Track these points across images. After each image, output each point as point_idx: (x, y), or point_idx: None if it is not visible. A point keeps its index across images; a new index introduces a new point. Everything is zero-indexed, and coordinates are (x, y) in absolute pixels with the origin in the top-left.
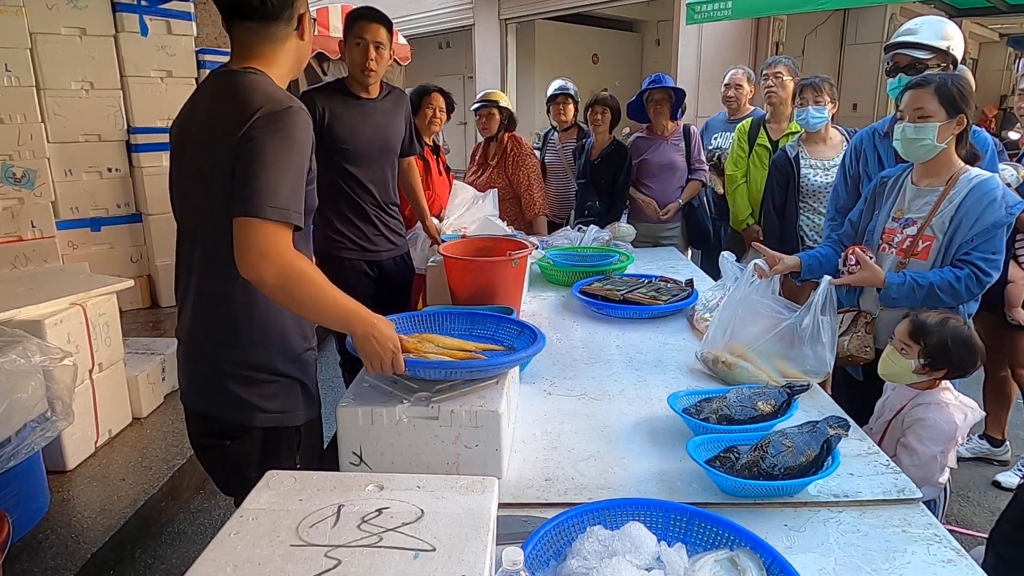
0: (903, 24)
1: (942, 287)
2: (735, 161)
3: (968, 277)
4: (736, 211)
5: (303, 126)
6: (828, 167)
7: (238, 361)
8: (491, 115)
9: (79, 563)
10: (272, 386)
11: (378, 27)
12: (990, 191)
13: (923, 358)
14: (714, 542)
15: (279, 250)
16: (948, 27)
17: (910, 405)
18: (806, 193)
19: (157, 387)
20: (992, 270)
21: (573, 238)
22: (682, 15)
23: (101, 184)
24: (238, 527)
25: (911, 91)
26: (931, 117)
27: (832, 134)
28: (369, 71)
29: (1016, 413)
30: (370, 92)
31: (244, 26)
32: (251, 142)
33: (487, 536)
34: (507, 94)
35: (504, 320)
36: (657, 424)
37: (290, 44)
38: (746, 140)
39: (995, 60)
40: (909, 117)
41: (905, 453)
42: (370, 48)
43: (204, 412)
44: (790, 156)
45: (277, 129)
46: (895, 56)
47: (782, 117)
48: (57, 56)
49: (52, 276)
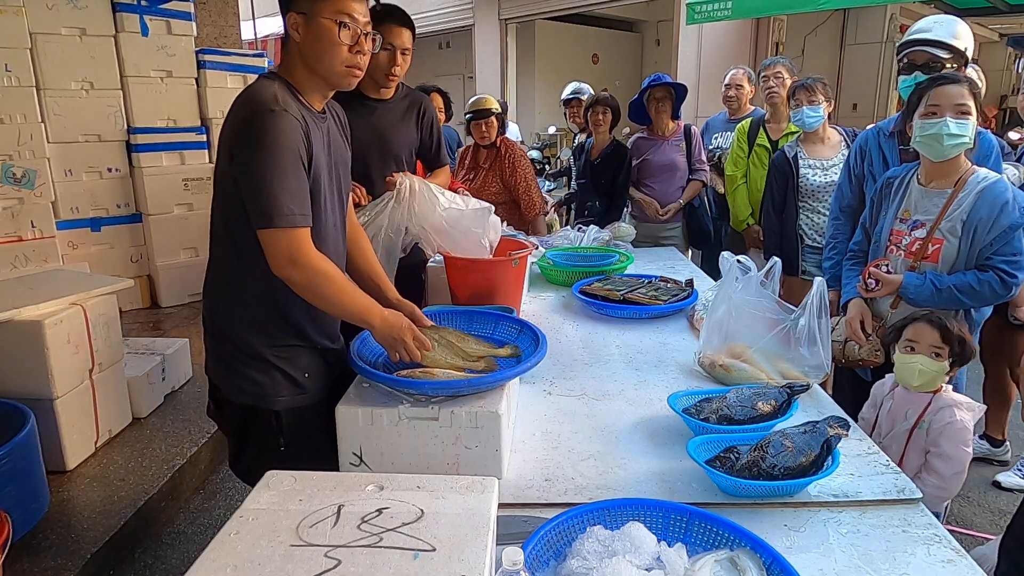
0: (910, 24)
1: (963, 289)
2: (735, 161)
3: (993, 280)
4: (736, 211)
5: (284, 128)
6: (827, 167)
7: (223, 337)
8: (490, 124)
9: (79, 563)
10: (249, 367)
11: (407, 32)
12: (1001, 194)
13: (950, 358)
14: (714, 542)
15: (304, 254)
16: (960, 26)
17: (932, 410)
18: (805, 193)
19: (157, 387)
20: (1016, 271)
21: (573, 238)
22: (682, 15)
23: (101, 184)
24: (238, 527)
25: (949, 86)
26: (970, 114)
27: (830, 134)
28: (393, 76)
29: (1016, 413)
30: (381, 94)
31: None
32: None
33: (487, 536)
34: (507, 94)
35: (504, 319)
36: (657, 424)
37: (292, 48)
38: (746, 140)
39: (995, 60)
40: (951, 112)
41: (942, 462)
42: (397, 54)
43: (210, 378)
44: (789, 156)
45: (259, 138)
46: (911, 54)
47: (782, 117)
48: (57, 56)
49: (52, 276)
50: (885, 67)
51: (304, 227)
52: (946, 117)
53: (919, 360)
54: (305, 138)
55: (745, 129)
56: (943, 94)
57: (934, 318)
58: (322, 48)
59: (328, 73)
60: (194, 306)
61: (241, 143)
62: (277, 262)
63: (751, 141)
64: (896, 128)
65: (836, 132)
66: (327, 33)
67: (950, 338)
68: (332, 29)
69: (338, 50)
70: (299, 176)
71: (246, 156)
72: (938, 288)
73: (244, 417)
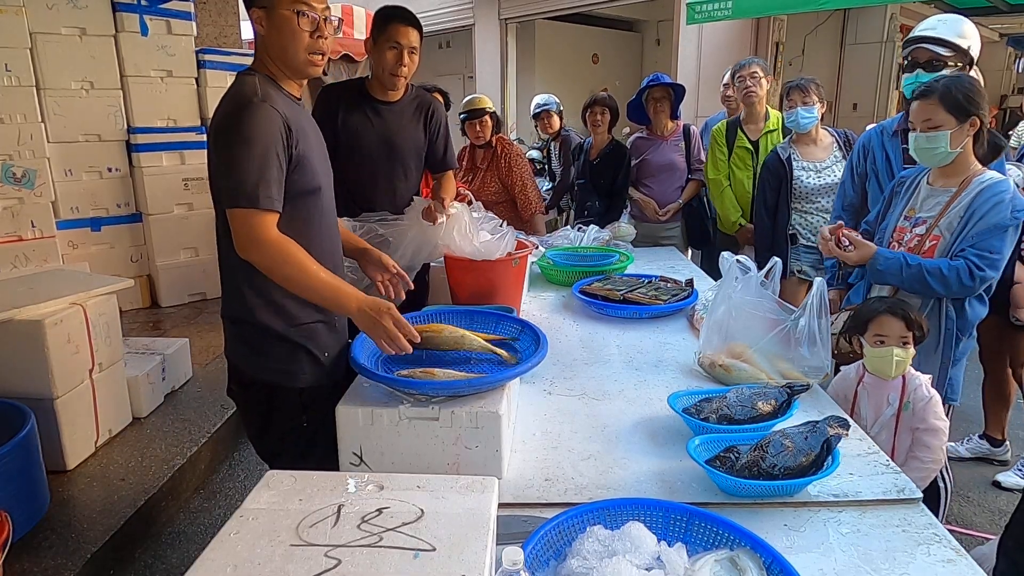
0: (910, 24)
1: (932, 271)
2: (715, 165)
3: (962, 270)
4: (725, 214)
5: (260, 119)
6: (820, 169)
7: (244, 320)
8: (484, 123)
9: (79, 563)
10: (273, 347)
11: (414, 32)
12: (998, 193)
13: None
14: (714, 542)
15: (261, 234)
16: (966, 26)
17: (910, 390)
18: (798, 195)
19: (157, 387)
20: (986, 267)
21: (573, 238)
22: (682, 15)
23: (101, 184)
24: (238, 527)
25: (917, 102)
26: (941, 126)
27: (822, 135)
28: (399, 76)
29: (1016, 413)
30: (389, 95)
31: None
32: (217, 143)
33: (487, 536)
34: (507, 94)
35: (504, 319)
36: (657, 424)
37: (260, 42)
38: (724, 143)
39: (995, 60)
40: (920, 128)
41: (931, 436)
42: (405, 54)
43: (230, 360)
44: (782, 158)
45: (235, 127)
46: (914, 52)
47: (759, 117)
48: (57, 56)
49: (52, 276)
50: (885, 67)
51: (268, 210)
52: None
53: (893, 352)
54: (285, 127)
55: (722, 131)
56: (913, 109)
57: (896, 309)
58: (285, 39)
59: (294, 62)
60: (194, 306)
61: (218, 133)
62: (239, 242)
63: (729, 143)
64: (899, 127)
65: (828, 134)
66: (287, 23)
67: (912, 325)
68: (291, 19)
69: (300, 38)
70: (269, 163)
71: (221, 143)
72: (908, 263)
73: (268, 396)
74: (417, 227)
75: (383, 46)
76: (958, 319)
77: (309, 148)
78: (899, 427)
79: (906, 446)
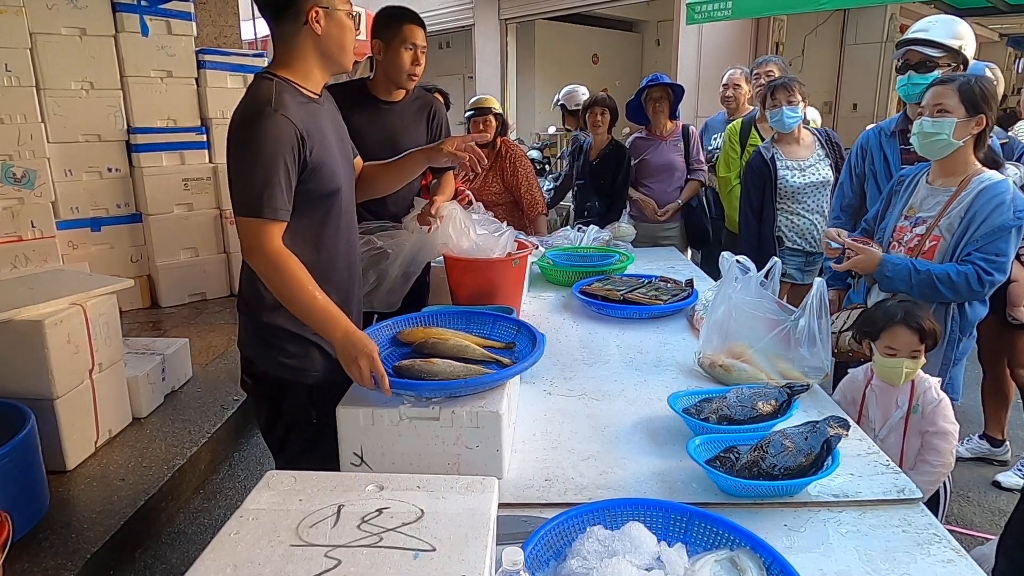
0: (910, 24)
1: (941, 277)
2: (727, 163)
3: (970, 274)
4: (732, 213)
5: (269, 129)
6: (804, 167)
7: (259, 315)
8: (488, 123)
9: (79, 563)
10: (286, 343)
11: (423, 32)
12: (999, 194)
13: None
14: (714, 542)
15: (262, 243)
16: (960, 27)
17: (919, 393)
18: (784, 195)
19: (157, 387)
20: (994, 270)
21: (573, 238)
22: (682, 15)
23: (101, 184)
24: (238, 527)
25: (935, 87)
26: (950, 113)
27: (804, 135)
28: (415, 76)
29: (1016, 413)
30: (393, 95)
31: (270, 27)
32: (229, 150)
33: (487, 536)
34: (507, 94)
35: (502, 319)
36: (657, 424)
37: (304, 41)
38: (738, 141)
39: (995, 60)
40: (929, 112)
41: (940, 439)
42: (418, 53)
43: (244, 353)
44: (766, 158)
45: (245, 135)
46: (906, 53)
47: None
48: (57, 56)
49: (52, 276)
50: (885, 67)
51: (272, 220)
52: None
53: (903, 363)
54: (298, 136)
55: (737, 130)
56: (928, 95)
57: (911, 320)
58: (344, 36)
59: (345, 57)
60: (194, 306)
61: (231, 141)
62: (243, 248)
63: (743, 142)
64: (897, 128)
65: (809, 133)
66: (346, 21)
67: (925, 336)
68: (348, 18)
69: (352, 35)
70: (276, 173)
71: (232, 151)
72: (917, 269)
73: (279, 391)
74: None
75: (398, 48)
76: (960, 319)
77: (326, 151)
78: (908, 430)
79: (915, 449)
